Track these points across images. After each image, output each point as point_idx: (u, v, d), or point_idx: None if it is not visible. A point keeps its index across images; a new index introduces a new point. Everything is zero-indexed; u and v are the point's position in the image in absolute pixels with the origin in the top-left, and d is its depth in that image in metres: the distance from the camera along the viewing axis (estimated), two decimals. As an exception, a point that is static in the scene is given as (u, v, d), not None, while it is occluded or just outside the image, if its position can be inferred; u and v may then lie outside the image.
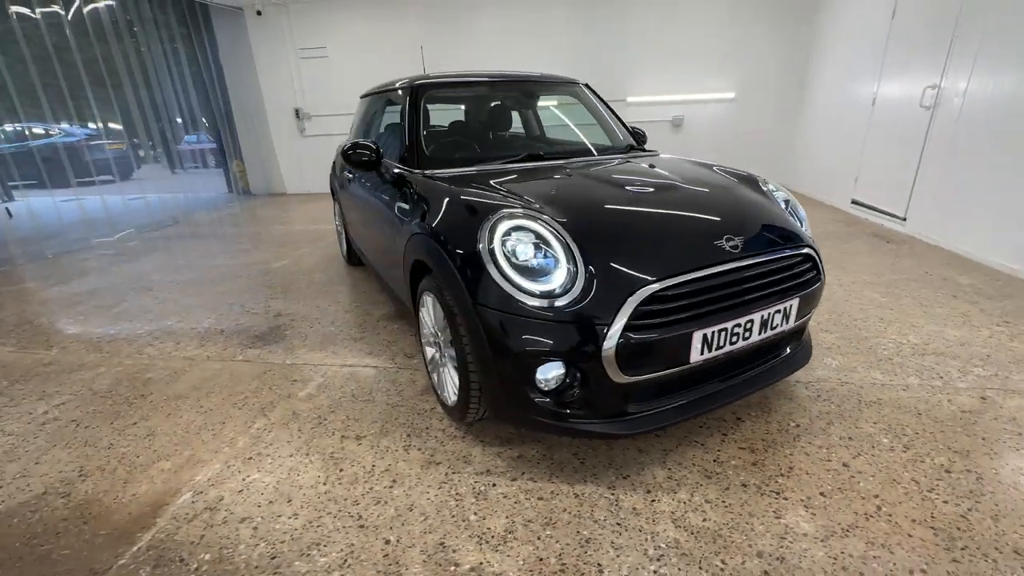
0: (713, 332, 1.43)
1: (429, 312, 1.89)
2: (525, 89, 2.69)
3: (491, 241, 1.48)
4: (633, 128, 2.80)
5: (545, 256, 1.46)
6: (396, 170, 2.26)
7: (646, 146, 2.72)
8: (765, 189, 1.99)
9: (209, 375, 2.33)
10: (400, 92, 2.55)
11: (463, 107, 2.83)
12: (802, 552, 1.28)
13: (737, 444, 1.71)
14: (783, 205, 1.92)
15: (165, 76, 6.95)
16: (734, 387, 1.60)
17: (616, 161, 2.27)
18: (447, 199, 1.79)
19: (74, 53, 5.74)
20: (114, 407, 2.10)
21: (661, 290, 1.38)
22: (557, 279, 1.42)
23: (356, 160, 2.26)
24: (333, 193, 4.04)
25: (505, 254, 1.46)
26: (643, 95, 6.96)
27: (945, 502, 1.43)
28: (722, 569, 1.24)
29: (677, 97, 6.94)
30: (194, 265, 4.20)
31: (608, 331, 1.34)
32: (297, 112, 7.77)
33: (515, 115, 2.76)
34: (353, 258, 3.85)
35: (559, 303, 1.38)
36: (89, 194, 6.77)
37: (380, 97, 3.08)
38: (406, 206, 2.02)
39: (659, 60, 6.78)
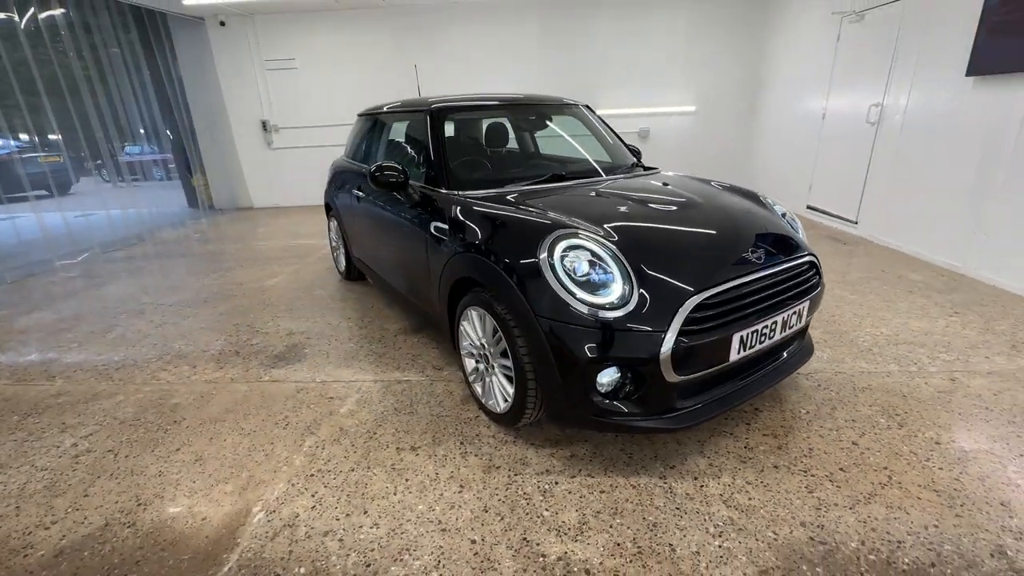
0: (747, 333, 1.63)
1: (474, 326, 2.00)
2: (536, 111, 2.86)
3: (552, 258, 1.63)
4: (628, 145, 3.03)
5: (603, 272, 1.62)
6: (424, 191, 2.36)
7: (644, 163, 2.94)
8: (766, 203, 2.24)
9: (240, 397, 2.33)
10: (418, 114, 2.65)
11: (479, 129, 2.96)
12: (836, 519, 1.50)
13: (761, 431, 1.93)
14: (783, 217, 2.17)
15: (117, 86, 6.64)
16: (760, 380, 1.82)
17: (630, 179, 2.47)
18: (499, 220, 1.91)
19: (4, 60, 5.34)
20: (148, 435, 2.08)
21: (707, 299, 1.57)
22: (615, 292, 1.58)
23: (384, 181, 2.34)
24: (328, 209, 4.05)
25: (565, 270, 1.61)
26: (612, 108, 7.29)
27: (940, 469, 1.70)
28: (775, 539, 1.43)
29: (643, 110, 7.33)
30: (182, 286, 4.08)
31: (664, 337, 1.51)
32: (264, 124, 7.61)
33: (526, 136, 2.92)
34: (352, 273, 3.87)
35: (618, 314, 1.54)
36: (23, 211, 6.37)
37: (384, 117, 3.15)
38: (443, 226, 2.13)
39: (625, 75, 7.14)
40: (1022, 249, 3.21)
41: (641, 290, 1.58)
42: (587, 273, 1.62)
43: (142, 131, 7.46)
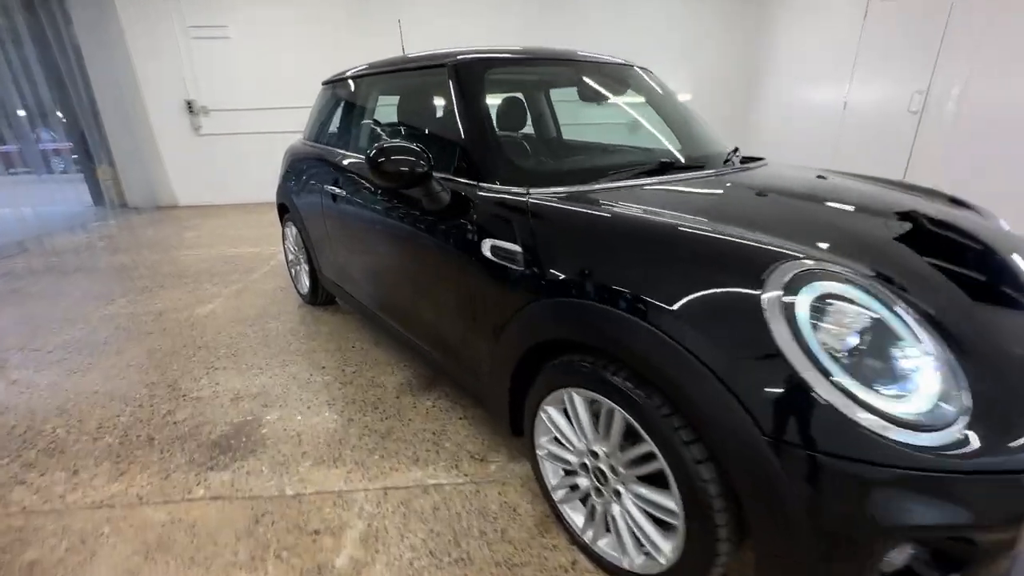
0: None
1: (576, 419, 1.18)
2: (606, 74, 2.02)
3: (794, 313, 0.83)
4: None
5: (897, 349, 0.84)
6: (461, 188, 1.49)
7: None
8: (984, 212, 1.56)
9: (153, 541, 1.37)
10: (433, 73, 1.76)
11: (531, 98, 2.11)
12: None
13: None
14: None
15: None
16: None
17: (770, 174, 1.69)
18: (647, 236, 1.08)
19: None
20: (-34, 651, 1.10)
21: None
22: (928, 393, 0.80)
23: (394, 173, 1.44)
24: (283, 211, 3.04)
25: (824, 344, 0.82)
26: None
27: None
28: None
29: (633, 99, 6.67)
30: (74, 317, 2.93)
31: (1037, 482, 0.76)
32: (190, 105, 6.29)
33: (595, 109, 2.09)
34: (320, 296, 2.89)
35: (942, 439, 0.77)
36: None
37: (368, 83, 2.22)
38: (507, 246, 1.28)
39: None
40: None
41: (978, 388, 0.82)
42: (859, 349, 0.83)
43: (22, 113, 5.95)
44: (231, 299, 3.18)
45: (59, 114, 6.03)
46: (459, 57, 1.67)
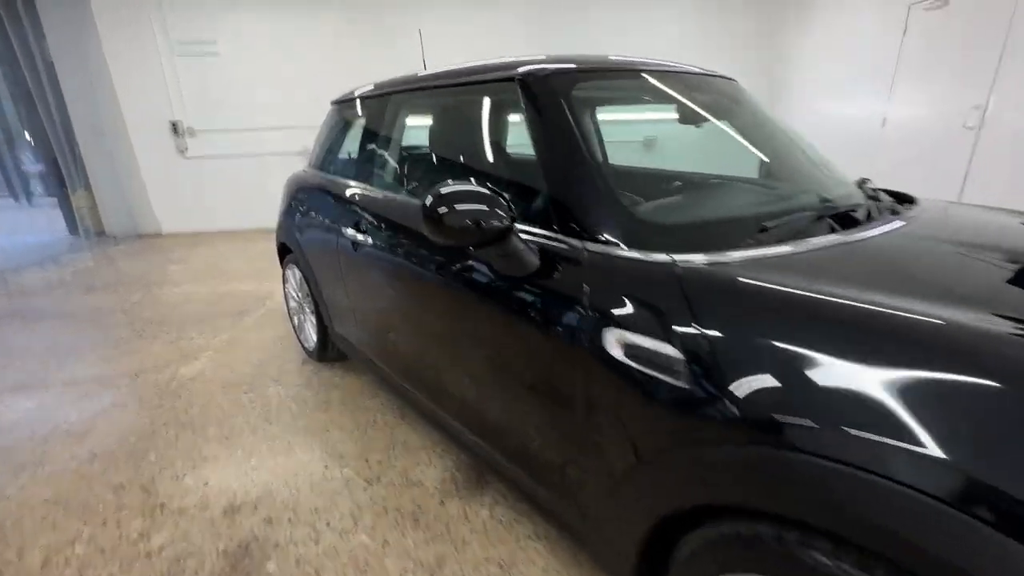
0: None
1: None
2: (707, 89, 1.62)
3: None
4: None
5: None
6: (552, 248, 1.06)
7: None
8: None
9: None
10: (497, 89, 1.35)
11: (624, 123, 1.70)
12: None
13: None
14: None
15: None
16: None
17: (946, 219, 1.28)
18: (954, 357, 0.64)
19: None
20: None
21: None
22: None
23: (464, 229, 1.01)
24: (284, 252, 2.59)
25: None
26: (609, 112, 6.25)
27: None
28: None
29: (647, 115, 6.35)
30: (31, 383, 2.43)
31: None
32: (175, 126, 5.84)
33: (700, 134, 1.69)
34: (330, 352, 2.43)
35: None
36: None
37: (397, 102, 1.80)
38: (661, 350, 0.84)
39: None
40: None
41: None
42: None
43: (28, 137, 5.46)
44: (222, 353, 2.70)
45: (27, 135, 5.53)
46: (534, 68, 1.26)
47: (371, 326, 1.84)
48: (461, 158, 1.63)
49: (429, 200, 1.05)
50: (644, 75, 1.43)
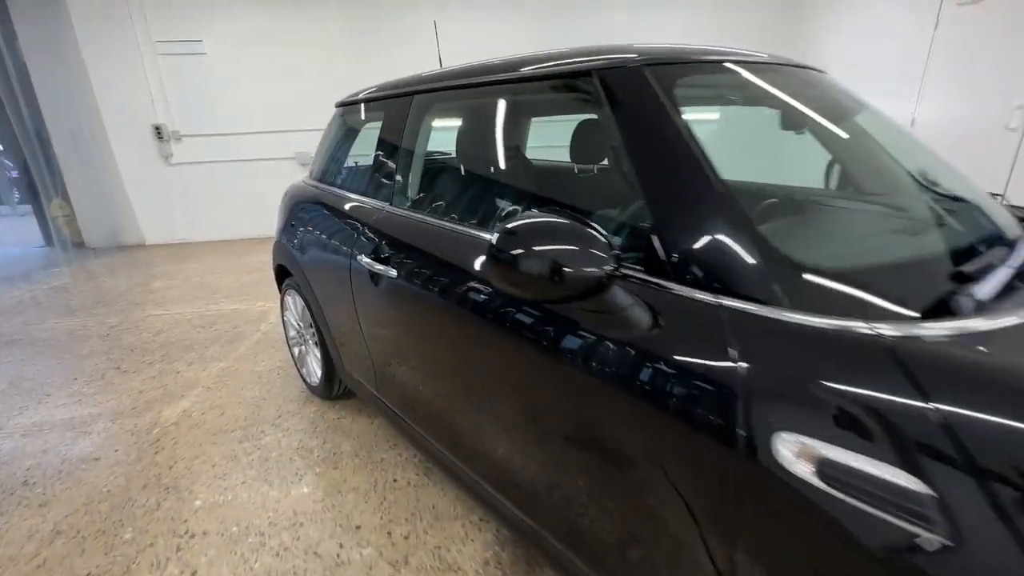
0: None
1: None
2: (816, 85, 1.32)
3: None
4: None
5: None
6: (673, 303, 0.78)
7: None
8: None
9: None
10: (559, 84, 1.07)
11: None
12: None
13: None
14: None
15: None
16: None
17: None
18: None
19: None
20: None
21: None
22: None
23: (550, 280, 0.73)
24: (282, 276, 2.27)
25: None
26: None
27: None
28: None
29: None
30: (-17, 433, 2.10)
31: None
32: (158, 130, 5.48)
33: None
34: (335, 389, 2.13)
35: None
36: None
37: (428, 102, 1.50)
38: (888, 478, 0.55)
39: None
40: None
41: None
42: None
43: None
44: (212, 390, 2.38)
45: (-3, 144, 5.16)
46: (622, 57, 0.97)
47: (392, 372, 1.54)
48: (511, 173, 1.34)
49: (496, 238, 0.76)
50: (752, 69, 1.13)
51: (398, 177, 1.51)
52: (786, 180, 1.58)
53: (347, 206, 1.71)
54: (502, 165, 1.37)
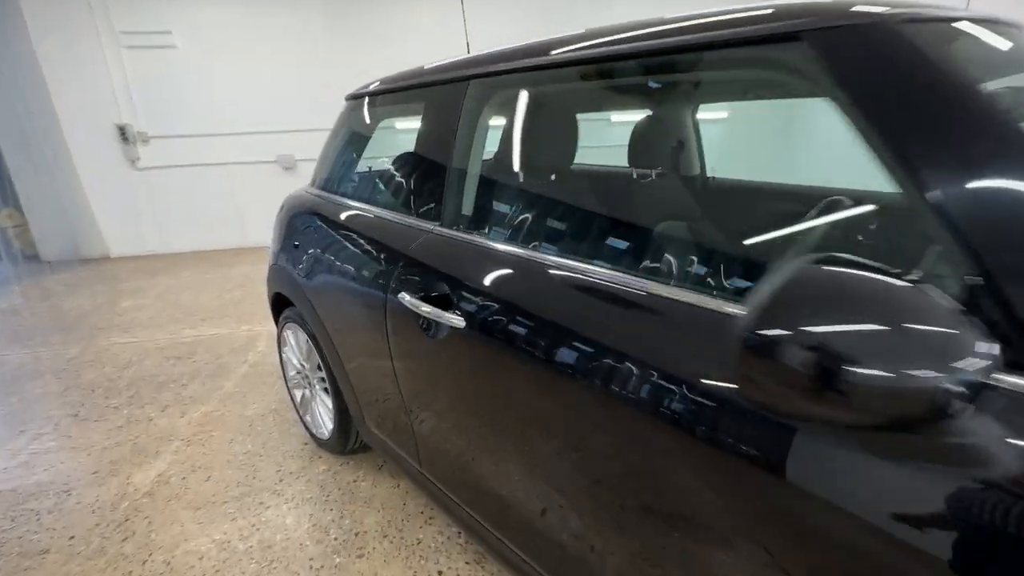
0: None
1: None
2: None
3: None
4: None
5: None
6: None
7: None
8: None
9: None
10: (755, 57, 0.72)
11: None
12: None
13: None
14: None
15: None
16: None
17: None
18: None
19: None
20: None
21: None
22: None
23: (888, 406, 0.38)
24: (280, 306, 1.87)
25: None
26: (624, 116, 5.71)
27: None
28: None
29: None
30: None
31: None
32: (123, 131, 4.95)
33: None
34: (351, 442, 1.73)
35: None
36: None
37: (490, 86, 1.12)
38: None
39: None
40: None
41: None
42: None
43: None
44: (193, 444, 1.96)
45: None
46: (862, 11, 0.63)
47: (447, 449, 1.16)
48: (663, 188, 0.98)
49: (754, 312, 0.41)
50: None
51: (452, 190, 1.13)
52: None
53: (377, 228, 1.33)
54: (650, 174, 1.01)
